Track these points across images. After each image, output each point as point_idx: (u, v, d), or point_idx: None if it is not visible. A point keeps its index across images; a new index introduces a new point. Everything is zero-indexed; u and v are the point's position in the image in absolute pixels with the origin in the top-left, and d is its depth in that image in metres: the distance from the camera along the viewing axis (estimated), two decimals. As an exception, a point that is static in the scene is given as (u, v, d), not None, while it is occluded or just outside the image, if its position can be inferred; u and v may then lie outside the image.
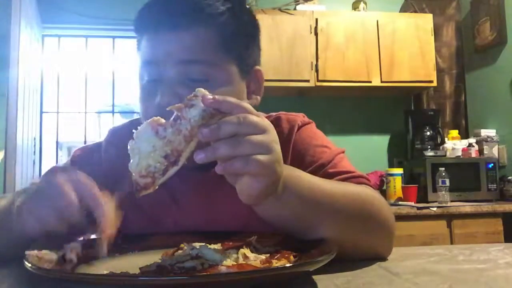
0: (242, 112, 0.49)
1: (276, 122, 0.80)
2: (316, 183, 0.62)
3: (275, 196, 0.54)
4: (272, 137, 0.50)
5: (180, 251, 0.56)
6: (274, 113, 0.84)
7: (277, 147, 0.51)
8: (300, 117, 0.83)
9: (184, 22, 0.67)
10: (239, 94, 0.72)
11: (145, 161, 0.49)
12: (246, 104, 0.50)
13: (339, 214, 0.62)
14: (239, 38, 0.71)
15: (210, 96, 0.49)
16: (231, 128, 0.48)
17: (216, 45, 0.68)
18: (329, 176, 0.73)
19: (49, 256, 0.52)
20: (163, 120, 0.50)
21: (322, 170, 0.75)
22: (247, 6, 0.78)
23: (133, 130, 0.51)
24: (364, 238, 0.65)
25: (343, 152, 0.81)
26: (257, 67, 0.77)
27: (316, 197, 0.60)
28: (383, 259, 0.66)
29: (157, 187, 0.49)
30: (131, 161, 0.50)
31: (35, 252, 0.53)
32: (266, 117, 0.69)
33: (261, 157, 0.48)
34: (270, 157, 0.49)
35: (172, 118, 0.49)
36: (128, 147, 0.50)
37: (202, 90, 0.49)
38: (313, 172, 0.70)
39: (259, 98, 0.77)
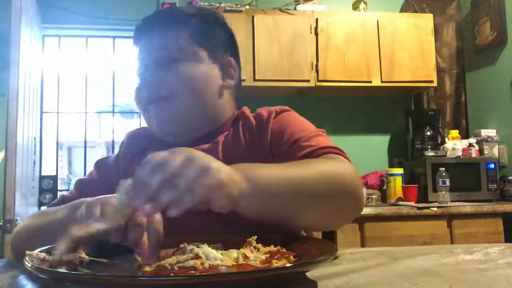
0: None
1: (257, 112, 0.91)
2: (281, 172, 0.62)
3: (244, 196, 0.54)
4: (193, 157, 0.49)
5: (180, 251, 0.56)
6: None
7: (205, 160, 0.50)
8: (280, 107, 0.91)
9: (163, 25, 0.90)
10: (207, 70, 0.89)
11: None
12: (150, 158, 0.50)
13: (310, 197, 0.63)
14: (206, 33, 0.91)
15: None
16: (155, 178, 0.48)
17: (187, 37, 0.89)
18: (301, 148, 0.78)
19: (51, 257, 0.52)
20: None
21: (296, 144, 0.80)
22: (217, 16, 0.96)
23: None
24: (335, 213, 0.68)
25: (323, 131, 0.86)
26: (229, 57, 0.93)
27: (285, 185, 0.61)
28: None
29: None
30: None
31: (36, 252, 0.53)
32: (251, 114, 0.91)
33: (201, 183, 0.47)
34: (208, 178, 0.48)
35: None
36: None
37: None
38: (289, 147, 0.79)
39: (232, 82, 0.93)
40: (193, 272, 0.47)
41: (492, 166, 2.81)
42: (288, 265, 0.50)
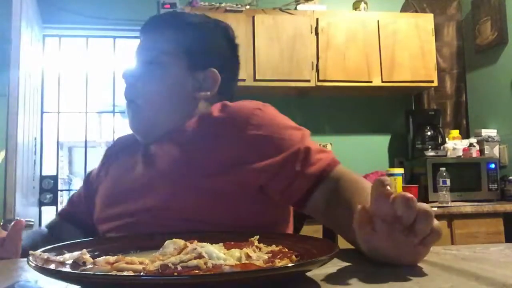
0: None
1: (232, 110, 0.88)
2: None
3: None
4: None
5: (183, 251, 0.56)
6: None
7: None
8: (256, 105, 0.92)
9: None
10: (179, 79, 0.91)
11: None
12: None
13: None
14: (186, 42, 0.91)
15: None
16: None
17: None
18: (310, 164, 0.79)
19: (54, 257, 0.52)
20: None
21: (301, 160, 0.80)
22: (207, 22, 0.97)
23: None
24: None
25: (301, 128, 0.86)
26: (212, 68, 0.92)
27: None
28: None
29: None
30: None
31: (39, 252, 0.53)
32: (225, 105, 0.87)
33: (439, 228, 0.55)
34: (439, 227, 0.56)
35: None
36: None
37: None
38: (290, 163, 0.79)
39: (208, 93, 0.93)
40: (197, 271, 0.47)
41: (492, 166, 2.82)
42: (290, 264, 0.50)
